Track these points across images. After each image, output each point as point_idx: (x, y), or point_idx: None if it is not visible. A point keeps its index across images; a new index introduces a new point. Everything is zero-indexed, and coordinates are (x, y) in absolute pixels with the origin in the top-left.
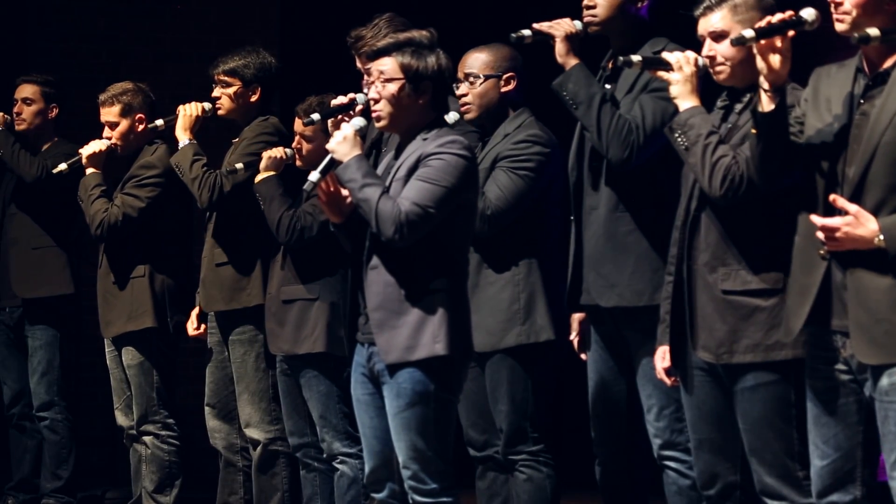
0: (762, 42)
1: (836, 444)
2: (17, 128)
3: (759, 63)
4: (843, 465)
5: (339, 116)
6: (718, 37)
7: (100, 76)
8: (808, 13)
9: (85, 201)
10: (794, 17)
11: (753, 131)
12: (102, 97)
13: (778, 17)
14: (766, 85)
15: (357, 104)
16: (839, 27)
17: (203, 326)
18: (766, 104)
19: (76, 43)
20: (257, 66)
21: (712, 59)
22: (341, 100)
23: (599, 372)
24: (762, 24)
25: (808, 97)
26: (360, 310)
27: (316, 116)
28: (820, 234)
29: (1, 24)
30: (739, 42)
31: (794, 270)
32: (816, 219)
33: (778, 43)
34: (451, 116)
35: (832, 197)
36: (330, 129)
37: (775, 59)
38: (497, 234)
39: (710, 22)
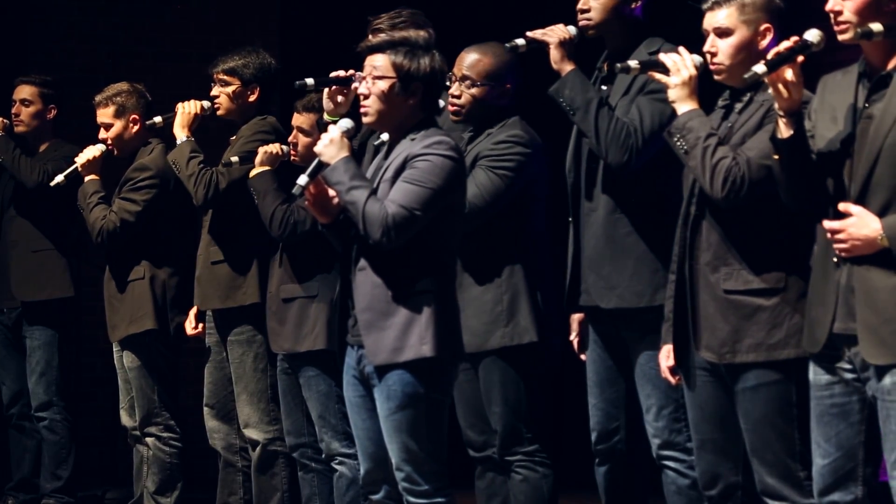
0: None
1: (837, 443)
2: (15, 129)
3: (772, 91)
4: (844, 463)
5: (334, 88)
6: (723, 33)
7: (100, 76)
8: (813, 35)
9: (84, 209)
10: (800, 43)
11: (776, 157)
12: (97, 98)
13: (784, 45)
14: (781, 111)
15: (354, 80)
16: (842, 37)
17: (201, 325)
18: (784, 130)
19: (76, 43)
20: (257, 66)
21: (713, 55)
22: (340, 73)
23: (598, 372)
24: (770, 55)
25: (816, 108)
26: (350, 311)
27: (310, 81)
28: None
29: (1, 24)
30: (753, 78)
31: (815, 279)
32: (825, 223)
33: (788, 72)
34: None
35: (839, 204)
36: (324, 99)
37: (787, 87)
38: (475, 232)
39: (716, 17)
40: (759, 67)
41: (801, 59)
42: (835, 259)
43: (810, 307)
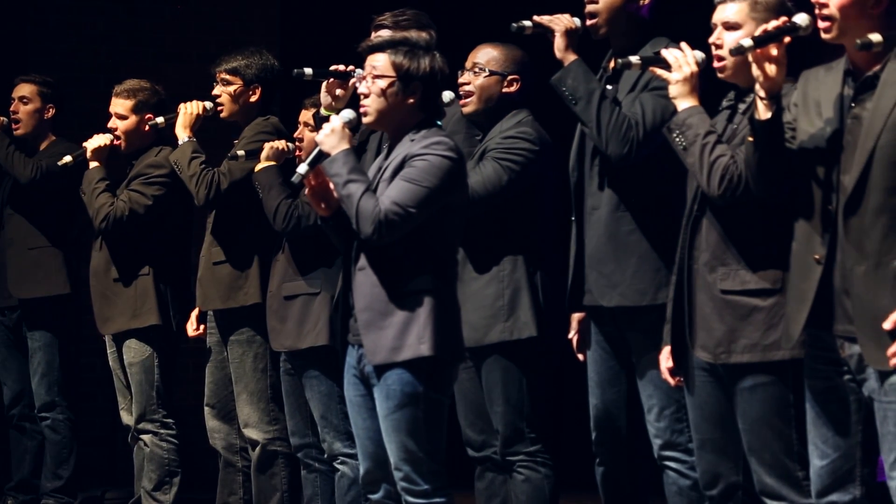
0: (758, 51)
1: (835, 444)
2: (13, 127)
3: (755, 71)
4: (842, 464)
5: (332, 81)
6: (731, 28)
7: (100, 76)
8: (802, 19)
9: (88, 194)
10: (788, 24)
11: (750, 139)
12: (118, 88)
13: (773, 24)
14: (762, 93)
15: (353, 76)
16: (825, 36)
17: (202, 327)
18: (763, 112)
19: (76, 43)
20: (259, 66)
21: (718, 47)
22: (340, 67)
23: (599, 372)
24: (758, 32)
25: (797, 101)
26: (351, 311)
27: (309, 70)
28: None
29: (1, 24)
30: (738, 52)
31: (792, 276)
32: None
33: (773, 51)
34: (447, 95)
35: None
36: (322, 92)
37: (770, 67)
38: (480, 227)
39: (726, 11)
40: (746, 41)
41: (787, 40)
42: (816, 257)
43: (787, 303)
